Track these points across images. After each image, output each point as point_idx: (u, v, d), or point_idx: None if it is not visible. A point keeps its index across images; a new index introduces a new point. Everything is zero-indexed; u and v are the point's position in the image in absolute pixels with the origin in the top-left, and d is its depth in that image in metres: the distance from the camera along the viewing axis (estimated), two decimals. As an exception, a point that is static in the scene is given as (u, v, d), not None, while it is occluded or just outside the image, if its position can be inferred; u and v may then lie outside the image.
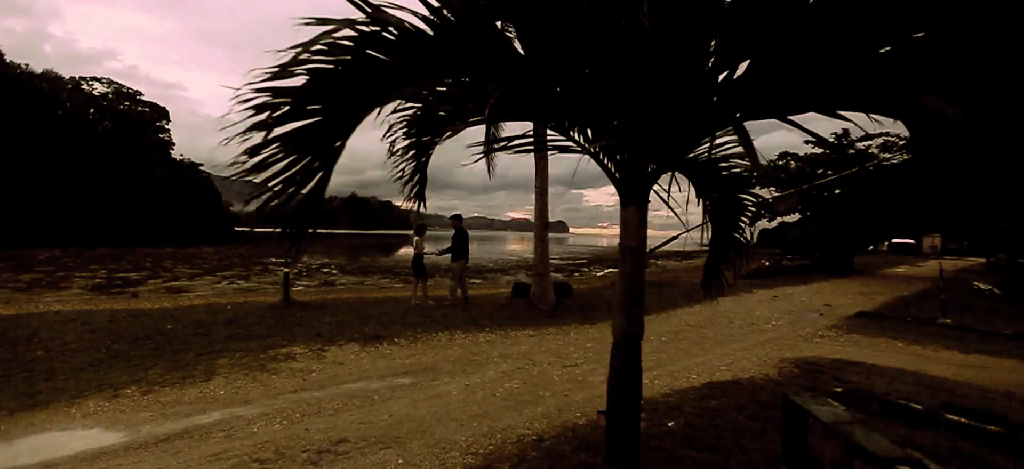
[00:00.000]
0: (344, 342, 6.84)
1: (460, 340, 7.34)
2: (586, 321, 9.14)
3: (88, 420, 4.10)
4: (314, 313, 8.38)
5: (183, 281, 26.44)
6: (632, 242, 2.41)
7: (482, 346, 7.06)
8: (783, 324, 9.54)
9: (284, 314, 8.19)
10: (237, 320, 7.67)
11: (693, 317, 10.18)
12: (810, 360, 6.61)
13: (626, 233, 2.41)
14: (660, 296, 12.27)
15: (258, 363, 5.70)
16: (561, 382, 5.47)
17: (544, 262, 9.77)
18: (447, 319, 8.35)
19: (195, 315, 7.99)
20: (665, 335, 8.24)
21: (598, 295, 11.87)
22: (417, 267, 9.67)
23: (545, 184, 9.78)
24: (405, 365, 6.00)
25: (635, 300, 2.45)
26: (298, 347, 6.49)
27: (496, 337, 7.62)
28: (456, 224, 9.77)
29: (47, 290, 21.85)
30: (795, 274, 21.01)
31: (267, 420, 4.12)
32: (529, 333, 7.99)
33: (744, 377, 5.76)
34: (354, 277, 29.58)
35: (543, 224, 9.82)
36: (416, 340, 7.18)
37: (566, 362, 6.31)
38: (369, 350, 6.59)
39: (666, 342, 7.72)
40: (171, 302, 15.39)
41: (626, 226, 2.41)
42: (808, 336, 8.50)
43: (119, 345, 6.07)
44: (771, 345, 7.65)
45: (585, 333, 8.22)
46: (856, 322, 9.85)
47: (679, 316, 10.29)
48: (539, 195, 9.78)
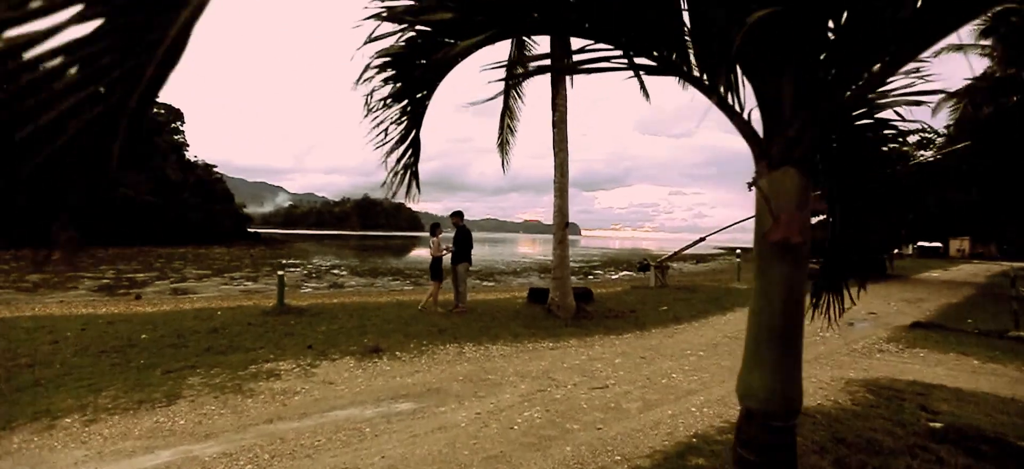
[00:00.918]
0: (338, 356, 6.00)
1: (470, 354, 6.45)
2: (611, 331, 8.20)
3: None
4: (310, 320, 7.57)
5: (190, 282, 26.04)
6: (793, 233, 1.37)
7: (495, 361, 6.17)
8: (832, 336, 8.50)
9: (277, 322, 7.39)
10: (223, 328, 6.88)
11: (729, 327, 9.18)
12: (881, 382, 5.61)
13: (779, 217, 1.36)
14: (688, 303, 11.27)
15: (234, 382, 4.87)
16: (591, 409, 4.56)
17: (563, 266, 8.85)
18: (455, 328, 7.47)
19: (179, 322, 7.22)
20: (702, 349, 7.27)
21: (620, 301, 10.92)
22: (435, 270, 8.82)
23: (565, 180, 8.88)
24: (406, 385, 5.13)
25: (789, 341, 1.44)
26: (285, 362, 5.66)
27: (511, 350, 6.73)
28: (458, 222, 8.90)
29: (53, 290, 21.47)
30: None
31: (227, 464, 3.27)
32: (548, 345, 7.08)
33: (811, 404, 4.79)
34: (363, 279, 28.94)
35: (562, 224, 8.90)
36: (420, 353, 6.32)
37: (593, 382, 5.40)
38: (366, 365, 5.74)
39: (705, 357, 6.76)
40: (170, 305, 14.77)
41: (779, 200, 1.37)
42: (865, 350, 7.47)
43: (79, 359, 5.29)
44: (827, 361, 6.65)
45: (611, 346, 7.28)
46: (914, 334, 8.77)
47: (713, 325, 9.30)
48: (558, 192, 8.88)
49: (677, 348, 7.24)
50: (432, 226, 8.95)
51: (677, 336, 8.19)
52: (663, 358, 6.61)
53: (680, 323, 9.37)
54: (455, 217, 8.91)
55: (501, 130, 10.09)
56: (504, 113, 9.98)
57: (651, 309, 10.31)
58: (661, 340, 7.79)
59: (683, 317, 9.81)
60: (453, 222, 8.85)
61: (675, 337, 8.10)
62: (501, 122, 10.03)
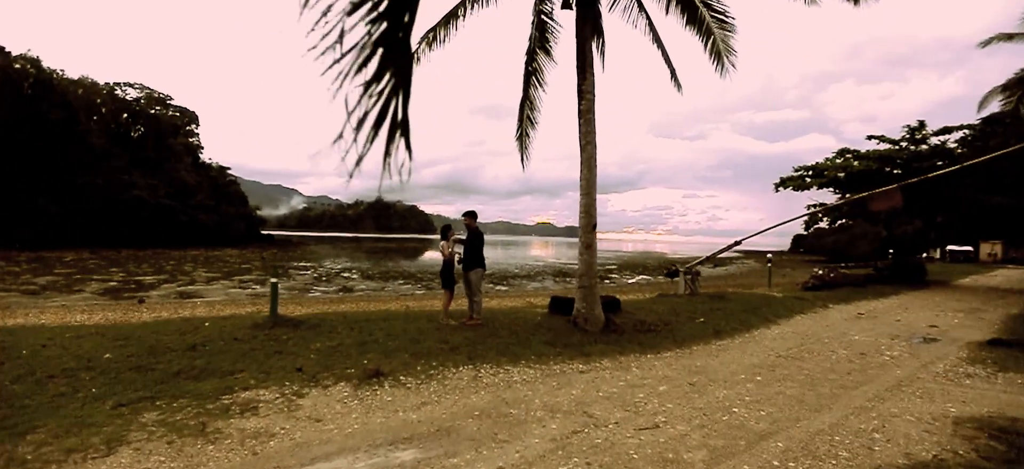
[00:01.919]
0: (331, 381, 5.06)
1: (488, 378, 5.47)
2: (647, 348, 7.16)
3: None
4: (304, 335, 6.66)
5: (198, 285, 25.55)
6: None
7: (518, 389, 5.19)
8: (902, 356, 7.36)
9: (267, 336, 6.49)
10: (204, 345, 6.00)
11: (780, 343, 8.07)
12: (997, 422, 4.50)
13: None
14: (725, 314, 10.16)
15: (199, 419, 3.96)
16: (644, 462, 3.55)
17: (591, 273, 7.82)
18: (470, 345, 6.50)
19: (156, 337, 6.36)
20: (759, 371, 6.20)
21: (650, 311, 9.85)
22: (447, 276, 7.82)
23: (592, 176, 7.86)
24: (410, 423, 4.17)
25: None
26: (267, 389, 4.74)
27: (536, 373, 5.73)
28: (470, 224, 7.91)
29: (59, 293, 21.03)
30: (861, 285, 18.44)
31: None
32: (578, 367, 6.07)
33: (925, 458, 3.72)
34: (374, 283, 28.20)
35: (590, 225, 7.88)
36: (429, 378, 5.36)
37: (639, 418, 4.38)
38: (363, 395, 4.79)
39: (765, 383, 5.69)
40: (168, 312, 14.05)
41: None
42: (949, 375, 6.33)
43: (20, 386, 4.42)
44: (913, 391, 5.53)
45: (650, 367, 6.25)
46: (996, 353, 7.57)
47: (761, 341, 8.20)
48: (584, 190, 7.87)
49: (727, 371, 6.18)
50: (443, 228, 7.94)
51: (723, 355, 7.12)
52: (715, 384, 5.57)
53: (721, 338, 8.29)
54: (467, 218, 7.92)
55: (521, 122, 9.11)
56: (524, 103, 9.00)
57: (685, 321, 9.24)
58: (706, 360, 6.74)
59: (723, 331, 8.72)
60: (465, 224, 7.87)
61: (721, 356, 7.04)
62: (520, 113, 9.05)
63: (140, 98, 67.40)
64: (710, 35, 9.23)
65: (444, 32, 8.54)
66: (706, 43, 9.29)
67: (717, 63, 9.40)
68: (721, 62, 9.35)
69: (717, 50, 9.26)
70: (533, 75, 8.93)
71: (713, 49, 9.26)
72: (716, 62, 9.38)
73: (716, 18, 9.02)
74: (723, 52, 9.28)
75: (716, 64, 9.42)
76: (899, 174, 21.29)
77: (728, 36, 9.29)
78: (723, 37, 9.25)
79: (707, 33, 9.19)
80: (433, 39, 8.54)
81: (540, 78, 8.95)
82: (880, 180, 20.47)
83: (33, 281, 24.92)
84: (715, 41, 9.24)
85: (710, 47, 9.27)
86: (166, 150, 65.93)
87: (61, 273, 29.24)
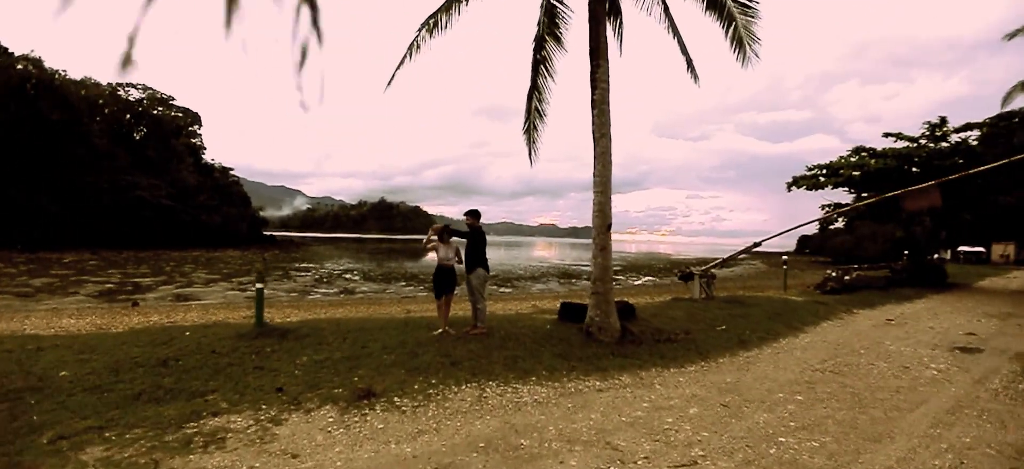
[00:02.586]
0: (315, 403, 4.43)
1: (494, 399, 4.82)
2: (668, 361, 6.49)
3: None
4: (292, 346, 6.03)
5: (197, 287, 25.02)
6: None
7: (528, 412, 4.54)
8: (950, 369, 6.67)
9: (250, 348, 5.86)
10: (177, 359, 5.37)
11: (812, 354, 7.39)
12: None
13: None
14: (746, 320, 9.47)
15: (152, 455, 3.33)
16: (687, 515, 2.90)
17: (606, 277, 7.15)
18: (475, 359, 5.85)
19: (125, 349, 5.73)
20: (798, 389, 5.52)
21: (666, 317, 9.18)
22: (442, 282, 7.08)
23: (607, 172, 7.19)
24: (403, 459, 3.53)
25: None
26: (239, 415, 4.11)
27: (548, 392, 5.08)
28: (472, 223, 7.25)
29: (53, 296, 20.52)
30: (881, 288, 17.69)
31: None
32: (595, 384, 5.42)
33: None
34: (376, 284, 27.61)
35: (604, 225, 7.21)
36: (427, 398, 4.71)
37: (674, 453, 3.72)
38: (350, 421, 4.15)
39: (807, 404, 5.02)
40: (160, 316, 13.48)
41: None
42: (1011, 393, 5.63)
43: (-49, 413, 3.82)
44: (977, 415, 4.84)
45: (675, 384, 5.59)
46: (1055, 366, 6.87)
47: (791, 352, 7.52)
48: (599, 187, 7.20)
49: (762, 389, 5.51)
50: (442, 230, 7.19)
51: (753, 369, 6.45)
52: (752, 406, 4.90)
53: (748, 348, 7.61)
54: (470, 217, 7.25)
55: (528, 114, 8.45)
56: (532, 94, 8.34)
57: (706, 328, 8.56)
58: (737, 376, 6.07)
59: (749, 340, 8.05)
60: (467, 223, 7.20)
61: (751, 370, 6.36)
62: (528, 104, 8.39)
63: (143, 99, 67.17)
64: (731, 21, 8.58)
65: (446, 18, 7.91)
66: (727, 30, 8.64)
67: (738, 51, 8.73)
68: (743, 50, 8.68)
69: (738, 37, 8.60)
70: (541, 64, 8.29)
71: (734, 36, 8.61)
72: (737, 50, 8.71)
73: (739, 2, 8.37)
74: (746, 39, 8.62)
75: (737, 53, 8.75)
76: (918, 173, 20.54)
77: (751, 22, 8.64)
78: (746, 23, 8.60)
79: (728, 19, 8.54)
80: (434, 25, 7.91)
81: (549, 67, 8.30)
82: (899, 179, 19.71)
83: (29, 283, 24.44)
84: (737, 27, 8.58)
85: (731, 34, 8.62)
86: (168, 151, 65.65)
87: (58, 274, 28.79)
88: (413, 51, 7.96)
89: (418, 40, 7.94)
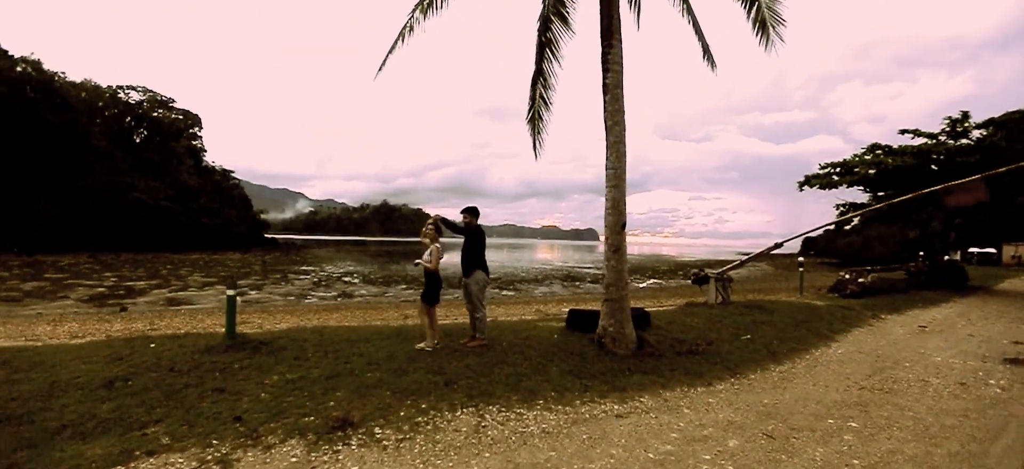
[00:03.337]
0: (278, 437, 3.66)
1: (494, 429, 4.05)
2: (694, 378, 5.69)
3: None
4: (264, 361, 5.27)
5: (190, 291, 24.35)
6: None
7: (536, 447, 3.76)
8: (1015, 387, 5.86)
9: (214, 364, 5.11)
10: (126, 379, 4.62)
11: (852, 367, 6.59)
12: None
13: None
14: (772, 327, 8.68)
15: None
16: None
17: (620, 282, 6.35)
18: (473, 376, 5.07)
19: (72, 365, 4.99)
20: (848, 412, 4.73)
21: (683, 325, 8.39)
22: (431, 290, 6.30)
23: (621, 164, 6.41)
24: (378, 515, 2.77)
25: None
26: (181, 454, 3.35)
27: (558, 419, 4.30)
28: (470, 222, 6.46)
29: (40, 300, 19.87)
30: (902, 292, 16.82)
31: None
32: (613, 408, 4.63)
33: None
34: (376, 288, 26.87)
35: (618, 224, 6.43)
36: (414, 429, 3.94)
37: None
38: (320, 459, 3.38)
39: (865, 432, 4.22)
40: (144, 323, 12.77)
41: None
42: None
43: None
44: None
45: (705, 406, 4.80)
46: None
47: (828, 365, 6.72)
48: (612, 180, 6.41)
49: (808, 412, 4.72)
50: (436, 224, 6.26)
51: (790, 387, 5.66)
52: (801, 436, 4.12)
53: (779, 361, 6.81)
54: (467, 215, 6.45)
55: (533, 101, 7.67)
56: (536, 79, 7.57)
57: (729, 337, 7.77)
58: (774, 396, 5.27)
59: (779, 351, 7.25)
60: (464, 221, 6.42)
61: (789, 389, 5.57)
62: (533, 90, 7.62)
63: (143, 101, 66.76)
64: (754, 2, 7.84)
65: (441, -3, 7.18)
66: (749, 11, 7.90)
67: (761, 35, 7.96)
68: (766, 33, 7.91)
69: (762, 19, 7.84)
70: (547, 47, 7.53)
71: (757, 18, 7.85)
72: (760, 34, 7.94)
73: (764, -22, 7.62)
74: (769, 21, 7.85)
75: (760, 36, 7.98)
76: (937, 171, 19.70)
77: (774, 1, 7.88)
78: (769, 3, 7.84)
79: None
80: (428, 5, 7.18)
81: (555, 50, 7.53)
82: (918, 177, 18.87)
83: (19, 287, 23.83)
84: (760, 8, 7.82)
85: (754, 15, 7.86)
86: (168, 153, 65.20)
87: (52, 278, 28.19)
88: (406, 34, 7.24)
89: (412, 22, 7.22)
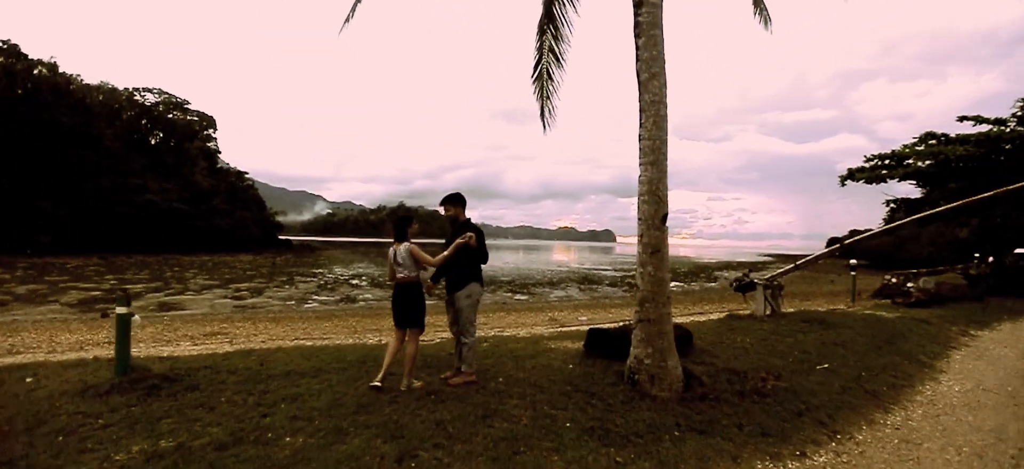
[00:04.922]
0: None
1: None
2: (772, 440, 3.87)
3: None
4: (150, 410, 3.64)
5: (188, 295, 23.26)
6: None
7: None
8: None
9: (81, 415, 3.51)
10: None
11: (984, 415, 4.70)
12: None
13: None
14: (849, 350, 6.78)
15: None
16: None
17: (660, 297, 4.55)
18: (445, 440, 3.38)
19: None
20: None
21: (731, 344, 6.56)
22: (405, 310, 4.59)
23: (661, 133, 4.65)
24: None
25: None
26: None
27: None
28: (456, 214, 4.72)
29: (28, 304, 18.86)
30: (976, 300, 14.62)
31: None
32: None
33: None
34: (382, 291, 25.40)
35: (657, 215, 4.64)
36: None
37: None
38: None
39: None
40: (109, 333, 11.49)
41: None
42: None
43: None
44: None
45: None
46: None
47: (951, 410, 4.82)
48: (649, 156, 4.64)
49: None
50: (397, 220, 4.47)
51: (921, 453, 3.82)
52: None
53: (884, 405, 4.92)
54: (451, 205, 4.74)
55: (540, 54, 5.94)
56: (543, 27, 5.78)
57: (798, 367, 5.90)
58: (906, 474, 3.46)
59: (879, 390, 5.36)
60: (447, 215, 4.70)
61: (921, 457, 3.74)
62: (539, 39, 5.85)
63: (158, 103, 66.91)
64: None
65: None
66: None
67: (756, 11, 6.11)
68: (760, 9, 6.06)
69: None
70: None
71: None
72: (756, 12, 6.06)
73: None
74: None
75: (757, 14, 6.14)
76: (1003, 161, 17.39)
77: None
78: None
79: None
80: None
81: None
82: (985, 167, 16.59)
83: (12, 290, 22.99)
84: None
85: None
86: (182, 154, 65.13)
87: (51, 280, 27.42)
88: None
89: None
